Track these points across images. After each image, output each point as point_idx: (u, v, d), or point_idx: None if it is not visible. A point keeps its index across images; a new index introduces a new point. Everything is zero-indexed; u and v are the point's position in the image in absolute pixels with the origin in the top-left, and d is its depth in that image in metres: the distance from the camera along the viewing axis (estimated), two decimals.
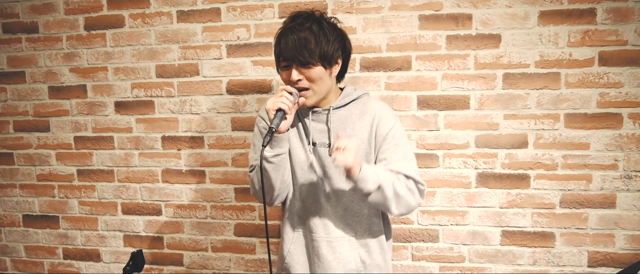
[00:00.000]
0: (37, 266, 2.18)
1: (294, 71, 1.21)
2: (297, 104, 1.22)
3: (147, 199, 2.02)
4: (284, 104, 1.16)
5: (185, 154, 1.95)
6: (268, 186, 1.27)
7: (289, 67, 1.22)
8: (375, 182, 1.18)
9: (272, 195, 1.30)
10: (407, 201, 1.24)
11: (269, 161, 1.22)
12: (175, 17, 1.87)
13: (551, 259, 1.75)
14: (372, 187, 1.18)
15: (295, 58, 1.19)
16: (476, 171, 1.75)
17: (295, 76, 1.21)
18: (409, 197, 1.24)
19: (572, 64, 1.65)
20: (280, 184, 1.28)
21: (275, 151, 1.22)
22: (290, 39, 1.19)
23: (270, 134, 1.14)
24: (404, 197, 1.22)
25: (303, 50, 1.18)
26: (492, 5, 1.66)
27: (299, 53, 1.18)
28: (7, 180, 2.14)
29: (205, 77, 1.89)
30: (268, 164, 1.22)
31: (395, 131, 1.28)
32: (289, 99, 1.18)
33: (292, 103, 1.18)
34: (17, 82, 2.05)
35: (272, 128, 1.14)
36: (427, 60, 1.73)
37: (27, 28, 2.01)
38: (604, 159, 1.67)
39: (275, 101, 1.17)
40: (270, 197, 1.31)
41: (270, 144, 1.21)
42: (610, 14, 1.61)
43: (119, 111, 1.98)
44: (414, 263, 1.84)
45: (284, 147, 1.23)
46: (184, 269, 2.03)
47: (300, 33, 1.19)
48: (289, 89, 1.20)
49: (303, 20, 1.22)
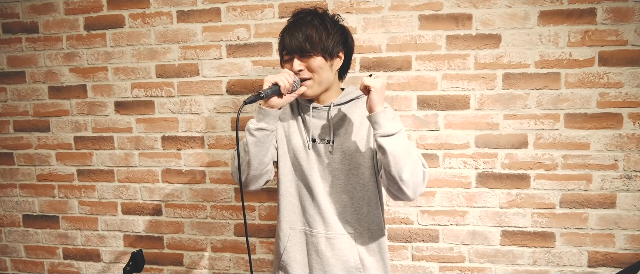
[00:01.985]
0: (37, 266, 2.18)
1: (295, 60, 1.24)
2: (296, 92, 1.24)
3: (147, 199, 2.02)
4: (282, 81, 1.18)
5: (185, 154, 1.95)
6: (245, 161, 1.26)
7: (291, 60, 1.26)
8: (398, 125, 1.16)
9: (247, 174, 1.28)
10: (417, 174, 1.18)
11: (251, 134, 1.23)
12: (175, 17, 1.88)
13: (551, 259, 1.75)
14: (396, 128, 1.14)
15: (297, 49, 1.23)
16: (476, 171, 1.75)
17: (297, 66, 1.24)
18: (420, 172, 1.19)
19: (572, 64, 1.65)
20: (257, 163, 1.26)
21: (260, 124, 1.22)
22: (293, 34, 1.24)
23: (257, 96, 1.15)
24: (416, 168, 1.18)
25: (304, 41, 1.22)
26: (492, 5, 1.66)
27: (300, 43, 1.22)
28: (7, 180, 2.14)
29: (205, 77, 1.89)
30: (250, 137, 1.23)
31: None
32: (288, 80, 1.20)
33: (290, 85, 1.20)
34: (17, 82, 2.05)
35: (260, 92, 1.16)
36: (427, 60, 1.73)
37: (27, 28, 2.01)
38: (604, 159, 1.67)
39: (276, 76, 1.20)
40: (245, 176, 1.28)
41: (256, 117, 1.24)
42: (610, 14, 1.61)
43: (119, 111, 1.98)
44: (414, 263, 1.84)
45: (270, 124, 1.23)
46: (184, 269, 2.03)
47: (303, 27, 1.24)
48: (291, 72, 1.23)
49: (305, 15, 1.28)
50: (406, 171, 1.15)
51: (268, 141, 1.26)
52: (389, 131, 1.14)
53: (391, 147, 1.14)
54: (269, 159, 1.30)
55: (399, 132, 1.16)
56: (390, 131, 1.14)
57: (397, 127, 1.16)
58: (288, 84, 1.19)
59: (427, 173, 1.22)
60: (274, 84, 1.18)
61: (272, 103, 1.21)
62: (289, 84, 1.20)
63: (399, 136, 1.16)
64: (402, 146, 1.15)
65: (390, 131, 1.14)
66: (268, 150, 1.27)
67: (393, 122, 1.16)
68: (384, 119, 1.14)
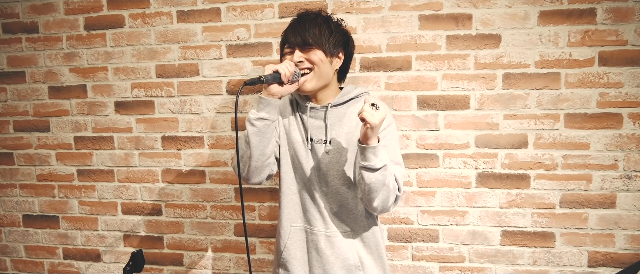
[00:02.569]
0: (37, 266, 2.18)
1: (296, 51, 1.26)
2: (297, 83, 1.25)
3: (147, 199, 2.02)
4: (283, 69, 1.20)
5: (185, 154, 1.95)
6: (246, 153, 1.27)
7: (292, 52, 1.28)
8: (384, 161, 1.16)
9: (249, 165, 1.28)
10: (388, 201, 1.22)
11: (252, 124, 1.23)
12: (175, 17, 1.88)
13: (551, 259, 1.75)
14: (379, 165, 1.16)
15: (298, 41, 1.25)
16: (476, 171, 1.75)
17: (297, 57, 1.26)
18: (391, 199, 1.23)
19: (572, 64, 1.65)
20: (259, 154, 1.26)
21: (260, 114, 1.23)
22: (297, 29, 1.26)
23: (257, 79, 1.16)
24: (389, 196, 1.22)
25: (306, 34, 1.24)
26: (492, 5, 1.66)
27: (302, 36, 1.24)
28: (7, 180, 2.14)
29: (205, 77, 1.89)
30: (251, 126, 1.24)
31: (387, 132, 1.29)
32: (289, 69, 1.21)
33: (290, 74, 1.21)
34: (17, 82, 2.05)
35: (261, 77, 1.17)
36: (427, 60, 1.73)
37: (27, 28, 2.01)
38: (604, 159, 1.67)
39: (277, 65, 1.21)
40: (247, 168, 1.28)
41: (256, 107, 1.24)
42: (610, 14, 1.61)
43: (119, 111, 1.98)
44: (414, 263, 1.84)
45: (271, 114, 1.24)
46: (184, 269, 2.03)
47: (307, 23, 1.26)
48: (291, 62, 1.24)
49: (310, 14, 1.31)
50: (377, 200, 1.20)
51: (269, 131, 1.26)
52: (372, 165, 1.15)
53: (369, 179, 1.17)
54: (270, 151, 1.30)
55: (381, 168, 1.16)
56: (373, 166, 1.16)
57: (381, 163, 1.16)
58: (288, 72, 1.20)
59: (400, 197, 1.26)
60: (275, 71, 1.19)
61: (273, 91, 1.21)
62: (289, 73, 1.20)
63: (381, 172, 1.16)
64: (380, 180, 1.17)
65: (373, 166, 1.15)
66: (269, 141, 1.27)
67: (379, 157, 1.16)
68: (372, 155, 1.15)
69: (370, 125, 1.10)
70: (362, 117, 1.10)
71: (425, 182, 1.79)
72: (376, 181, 1.17)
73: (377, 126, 1.11)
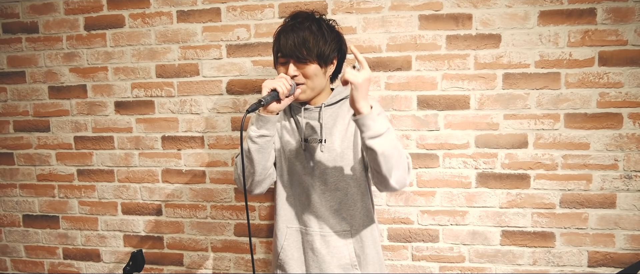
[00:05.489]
0: (37, 266, 2.18)
1: (291, 66, 1.25)
2: (293, 95, 1.25)
3: (147, 199, 2.02)
4: (280, 87, 1.18)
5: (185, 154, 1.95)
6: (249, 168, 1.27)
7: (286, 63, 1.26)
8: (386, 124, 1.14)
9: (252, 179, 1.29)
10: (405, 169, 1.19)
11: (253, 141, 1.23)
12: (175, 17, 1.88)
13: (551, 259, 1.75)
14: (383, 128, 1.12)
15: (294, 55, 1.23)
16: (476, 171, 1.75)
17: (292, 71, 1.25)
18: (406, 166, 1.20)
19: (572, 64, 1.65)
20: (261, 169, 1.27)
21: (261, 131, 1.23)
22: (290, 37, 1.23)
23: (258, 104, 1.15)
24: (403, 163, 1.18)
25: (301, 48, 1.22)
26: (492, 5, 1.66)
27: (297, 50, 1.22)
28: (7, 180, 2.14)
29: (205, 77, 1.89)
30: (252, 144, 1.23)
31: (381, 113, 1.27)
32: (286, 86, 1.20)
33: (288, 90, 1.20)
34: (17, 82, 2.05)
35: (261, 100, 1.16)
36: (427, 60, 1.73)
37: (27, 28, 2.01)
38: (604, 159, 1.67)
39: (274, 81, 1.20)
40: (250, 181, 1.29)
41: (256, 124, 1.23)
42: (610, 14, 1.61)
43: (119, 111, 1.98)
44: (414, 263, 1.84)
45: (270, 130, 1.24)
46: (184, 269, 2.03)
47: (300, 32, 1.23)
48: (288, 77, 1.23)
49: (303, 20, 1.27)
50: (396, 171, 1.15)
51: (270, 146, 1.27)
52: (376, 131, 1.11)
53: (381, 147, 1.11)
54: (271, 163, 1.32)
55: (387, 131, 1.13)
56: (378, 132, 1.11)
57: (384, 126, 1.13)
58: (286, 89, 1.20)
59: (410, 163, 1.23)
60: (273, 89, 1.18)
61: (271, 109, 1.21)
62: (286, 90, 1.20)
63: (387, 135, 1.13)
64: (391, 144, 1.13)
65: (378, 131, 1.11)
66: (270, 154, 1.29)
67: (379, 121, 1.12)
68: (371, 121, 1.11)
69: (354, 85, 1.08)
70: (345, 79, 1.09)
71: (425, 182, 1.79)
72: (388, 146, 1.12)
73: (361, 85, 1.08)
